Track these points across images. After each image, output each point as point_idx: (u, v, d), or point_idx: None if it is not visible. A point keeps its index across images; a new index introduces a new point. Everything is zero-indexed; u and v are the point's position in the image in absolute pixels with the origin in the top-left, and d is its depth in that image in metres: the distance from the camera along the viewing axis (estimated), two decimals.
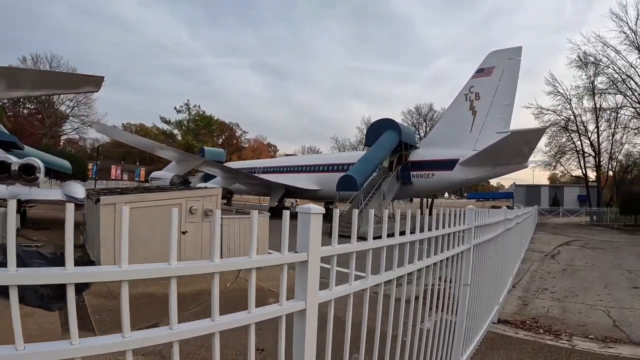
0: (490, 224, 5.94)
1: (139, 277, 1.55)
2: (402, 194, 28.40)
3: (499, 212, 7.06)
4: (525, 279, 11.45)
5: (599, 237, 25.94)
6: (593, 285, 10.72)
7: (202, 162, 32.16)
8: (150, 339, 1.59)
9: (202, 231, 11.12)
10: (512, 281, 10.44)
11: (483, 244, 5.53)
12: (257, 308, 1.95)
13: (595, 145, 45.88)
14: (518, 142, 21.13)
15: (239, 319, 1.89)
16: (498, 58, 26.24)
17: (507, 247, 8.18)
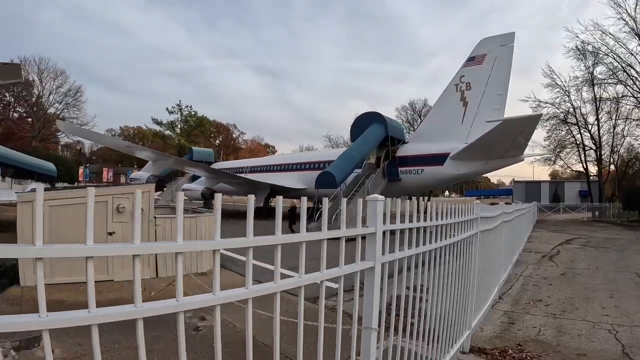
0: (446, 224, 4.43)
1: None
2: (389, 191, 26.56)
3: (474, 207, 5.42)
4: (516, 286, 9.69)
5: (602, 235, 24.20)
6: (597, 293, 8.96)
7: (174, 161, 30.64)
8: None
9: (132, 232, 9.45)
10: (500, 290, 8.73)
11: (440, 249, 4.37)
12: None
13: (595, 138, 44.02)
14: (511, 132, 19.38)
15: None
16: (490, 45, 24.54)
17: (486, 255, 6.51)
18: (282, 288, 2.21)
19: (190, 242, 1.95)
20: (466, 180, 39.54)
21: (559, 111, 44.67)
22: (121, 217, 9.64)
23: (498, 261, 8.31)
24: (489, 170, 25.30)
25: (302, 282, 2.35)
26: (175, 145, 79.65)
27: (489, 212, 6.73)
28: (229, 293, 2.00)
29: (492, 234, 7.03)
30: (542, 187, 61.52)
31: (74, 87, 69.53)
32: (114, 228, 9.55)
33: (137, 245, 1.69)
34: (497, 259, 8.15)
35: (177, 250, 1.82)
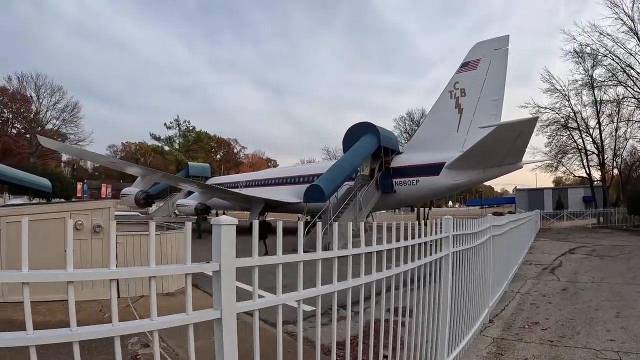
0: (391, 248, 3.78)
1: None
2: (384, 204, 25.71)
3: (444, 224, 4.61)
4: (511, 306, 8.74)
5: (607, 242, 23.20)
6: (601, 312, 8.02)
7: (161, 176, 29.96)
8: None
9: (92, 249, 9.32)
10: (491, 312, 7.84)
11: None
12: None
13: (597, 142, 43.09)
14: (508, 137, 18.46)
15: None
16: (484, 49, 23.73)
17: (467, 277, 5.67)
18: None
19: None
20: (464, 190, 38.48)
21: (559, 116, 43.91)
22: (79, 234, 9.10)
23: (488, 280, 7.42)
24: (487, 179, 24.36)
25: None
26: (173, 160, 79.08)
27: (470, 228, 5.86)
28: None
29: (476, 252, 6.18)
30: (545, 194, 60.46)
31: (71, 103, 70.07)
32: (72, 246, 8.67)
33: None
34: (487, 278, 7.27)
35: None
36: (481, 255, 6.67)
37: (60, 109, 69.12)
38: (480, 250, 6.53)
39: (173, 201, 43.80)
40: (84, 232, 9.15)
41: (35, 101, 67.97)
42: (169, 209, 44.82)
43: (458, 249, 5.22)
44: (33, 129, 67.40)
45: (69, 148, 31.88)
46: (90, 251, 9.21)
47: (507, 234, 9.72)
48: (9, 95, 67.53)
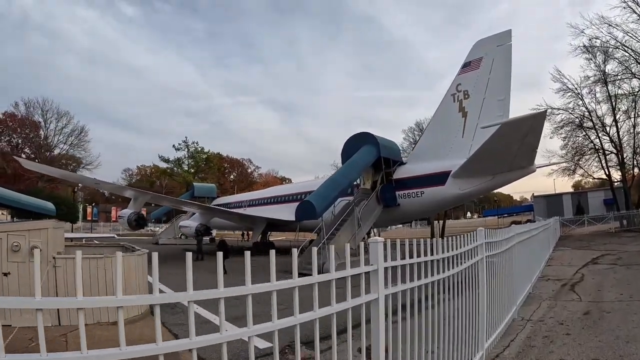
0: None
1: None
2: (388, 219, 24.06)
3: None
4: (517, 341, 6.98)
5: (634, 247, 21.24)
6: (634, 346, 6.27)
7: (151, 197, 29.17)
8: None
9: (30, 273, 8.38)
10: (489, 353, 6.16)
11: None
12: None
13: (615, 141, 40.86)
14: (514, 137, 16.65)
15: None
16: (486, 47, 22.15)
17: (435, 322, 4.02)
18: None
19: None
20: (473, 199, 36.57)
21: (573, 116, 41.84)
22: (16, 256, 8.50)
23: (478, 316, 5.75)
24: (497, 186, 22.47)
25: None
26: (182, 182, 78.38)
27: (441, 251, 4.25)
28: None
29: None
30: (564, 199, 58.08)
31: (78, 128, 70.06)
32: (9, 268, 8.41)
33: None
34: (479, 312, 5.62)
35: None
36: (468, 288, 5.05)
37: (67, 134, 69.23)
38: (474, 272, 4.97)
39: (178, 223, 43.06)
40: (22, 254, 8.48)
41: (42, 126, 68.00)
42: (174, 230, 44.16)
43: (400, 288, 3.61)
44: (41, 154, 67.61)
45: (52, 170, 31.06)
46: (28, 274, 8.39)
47: (510, 251, 8.00)
48: (18, 121, 67.81)
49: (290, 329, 2.63)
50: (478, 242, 5.87)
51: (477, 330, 5.74)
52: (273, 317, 2.49)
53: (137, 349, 1.92)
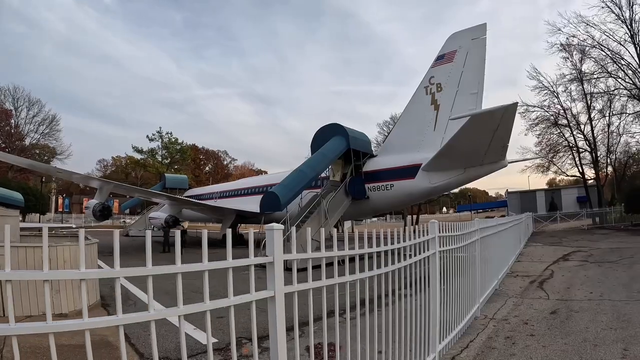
0: None
1: None
2: (357, 212, 23.36)
3: None
4: (478, 342, 6.37)
5: (605, 244, 20.97)
6: (602, 350, 5.70)
7: (113, 186, 28.10)
8: None
9: None
10: (444, 354, 5.54)
11: None
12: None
13: (590, 139, 41.05)
14: (484, 129, 16.07)
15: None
16: (460, 40, 21.52)
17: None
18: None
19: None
20: (444, 193, 36.18)
21: (548, 114, 42.02)
22: None
23: (429, 315, 5.12)
24: (469, 180, 21.92)
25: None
26: (155, 173, 76.72)
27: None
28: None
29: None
30: (537, 196, 58.37)
31: (49, 116, 67.61)
32: None
33: None
34: (430, 312, 4.99)
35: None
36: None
37: (38, 122, 66.77)
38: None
39: (149, 214, 42.11)
40: None
41: (14, 114, 65.52)
42: (145, 222, 43.17)
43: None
44: (11, 143, 65.11)
45: (14, 158, 29.90)
46: None
47: (471, 248, 7.39)
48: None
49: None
50: (429, 236, 5.23)
51: (428, 331, 5.12)
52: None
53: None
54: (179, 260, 2.27)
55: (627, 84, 36.58)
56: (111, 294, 10.42)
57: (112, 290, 11.30)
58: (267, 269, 2.65)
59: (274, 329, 2.62)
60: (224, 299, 2.45)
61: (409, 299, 4.58)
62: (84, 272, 1.97)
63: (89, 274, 2.00)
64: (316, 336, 3.42)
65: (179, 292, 2.26)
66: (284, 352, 2.67)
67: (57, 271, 1.73)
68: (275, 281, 2.59)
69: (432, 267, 5.28)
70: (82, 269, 1.98)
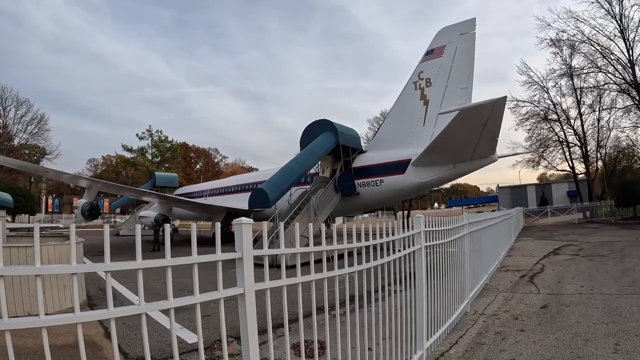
0: None
1: None
2: (346, 208, 23.21)
3: None
4: (467, 337, 6.23)
5: (596, 238, 20.96)
6: (593, 345, 5.56)
7: (102, 185, 27.71)
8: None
9: None
10: (433, 350, 5.42)
11: None
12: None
13: (580, 134, 41.23)
14: (473, 124, 15.95)
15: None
16: (449, 35, 21.42)
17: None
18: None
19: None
20: (434, 188, 36.08)
21: (538, 109, 42.19)
22: None
23: (415, 312, 4.98)
24: (459, 175, 21.79)
25: None
26: (145, 172, 76.14)
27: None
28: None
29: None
30: (528, 190, 58.66)
31: (38, 116, 66.38)
32: None
33: None
34: (417, 309, 4.84)
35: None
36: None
37: (27, 122, 65.47)
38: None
39: (139, 213, 41.81)
40: None
41: (1, 114, 64.48)
42: (135, 221, 42.82)
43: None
44: (1, 143, 64.03)
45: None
46: None
47: (460, 242, 7.25)
48: None
49: None
50: (415, 230, 5.07)
51: (415, 328, 4.97)
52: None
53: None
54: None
55: (617, 79, 36.72)
56: (98, 294, 10.25)
57: (99, 290, 11.25)
58: (236, 265, 2.48)
59: (245, 328, 2.46)
60: (190, 296, 2.32)
61: (394, 296, 4.42)
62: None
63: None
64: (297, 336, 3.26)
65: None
66: (256, 352, 2.51)
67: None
68: (244, 278, 2.43)
69: (417, 263, 5.12)
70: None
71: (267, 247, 2.69)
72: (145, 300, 2.12)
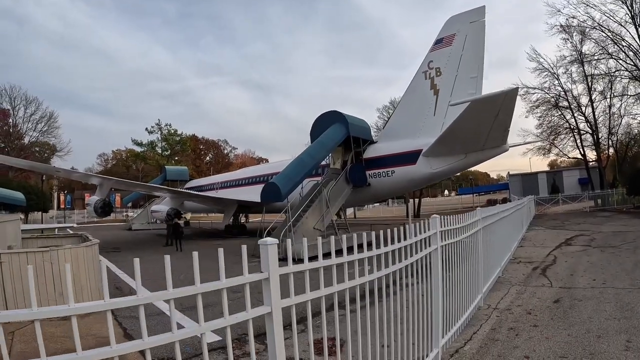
0: None
1: None
2: (358, 199, 23.34)
3: None
4: (481, 333, 6.34)
5: (608, 228, 20.91)
6: (605, 342, 5.64)
7: (114, 182, 28.11)
8: None
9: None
10: (449, 347, 5.54)
11: None
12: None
13: (591, 121, 40.88)
14: (485, 115, 15.96)
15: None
16: (458, 24, 21.29)
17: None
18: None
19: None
20: (446, 178, 35.97)
21: (548, 96, 41.85)
22: None
23: (431, 311, 5.08)
24: (470, 165, 21.85)
25: None
26: (155, 165, 76.57)
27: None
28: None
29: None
30: (539, 178, 58.24)
31: (47, 113, 67.12)
32: None
33: None
34: (432, 308, 4.94)
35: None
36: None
37: (36, 120, 66.25)
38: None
39: (151, 207, 42.18)
40: None
41: (11, 114, 65.14)
42: (147, 215, 43.25)
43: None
44: (11, 142, 64.81)
45: (6, 159, 29.92)
46: None
47: (474, 238, 7.32)
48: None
49: None
50: (431, 232, 5.15)
51: (431, 326, 5.07)
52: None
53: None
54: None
55: (628, 66, 36.31)
56: (115, 294, 10.39)
57: (116, 290, 11.41)
58: (263, 285, 2.58)
59: (273, 348, 2.58)
60: (220, 319, 2.41)
61: (407, 290, 4.52)
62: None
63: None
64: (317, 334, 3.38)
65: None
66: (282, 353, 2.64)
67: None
68: (272, 297, 2.53)
69: (434, 262, 5.21)
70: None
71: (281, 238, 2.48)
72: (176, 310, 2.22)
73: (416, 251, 4.66)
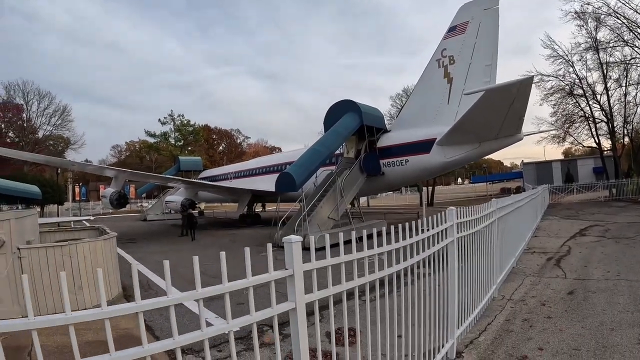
0: None
1: None
2: (372, 188, 23.37)
3: None
4: (495, 325, 6.39)
5: (623, 218, 20.77)
6: (618, 335, 5.68)
7: (129, 174, 28.24)
8: None
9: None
10: (463, 338, 5.65)
11: None
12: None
13: (606, 109, 40.29)
14: (500, 103, 15.85)
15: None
16: (472, 11, 21.06)
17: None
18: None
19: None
20: (460, 167, 35.77)
21: (563, 84, 41.28)
22: None
23: (447, 303, 5.15)
24: (484, 154, 21.72)
25: None
26: (169, 156, 76.99)
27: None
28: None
29: None
30: (553, 167, 57.72)
31: (60, 107, 67.58)
32: None
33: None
34: (448, 300, 5.02)
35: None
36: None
37: (50, 114, 66.84)
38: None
39: (165, 198, 42.53)
40: None
41: (25, 109, 65.76)
42: (162, 206, 43.62)
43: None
44: (26, 137, 65.46)
45: (21, 154, 30.25)
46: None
47: (489, 229, 7.35)
48: (0, 106, 64.91)
49: None
50: (447, 224, 5.20)
51: (447, 318, 5.15)
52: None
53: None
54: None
55: None
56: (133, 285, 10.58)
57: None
58: (287, 281, 2.67)
59: (297, 341, 2.66)
60: (246, 316, 2.50)
61: (427, 285, 4.59)
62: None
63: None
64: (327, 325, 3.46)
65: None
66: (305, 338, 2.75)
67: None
68: (296, 293, 2.62)
69: (450, 255, 5.27)
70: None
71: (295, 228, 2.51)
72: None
73: (433, 244, 4.72)
